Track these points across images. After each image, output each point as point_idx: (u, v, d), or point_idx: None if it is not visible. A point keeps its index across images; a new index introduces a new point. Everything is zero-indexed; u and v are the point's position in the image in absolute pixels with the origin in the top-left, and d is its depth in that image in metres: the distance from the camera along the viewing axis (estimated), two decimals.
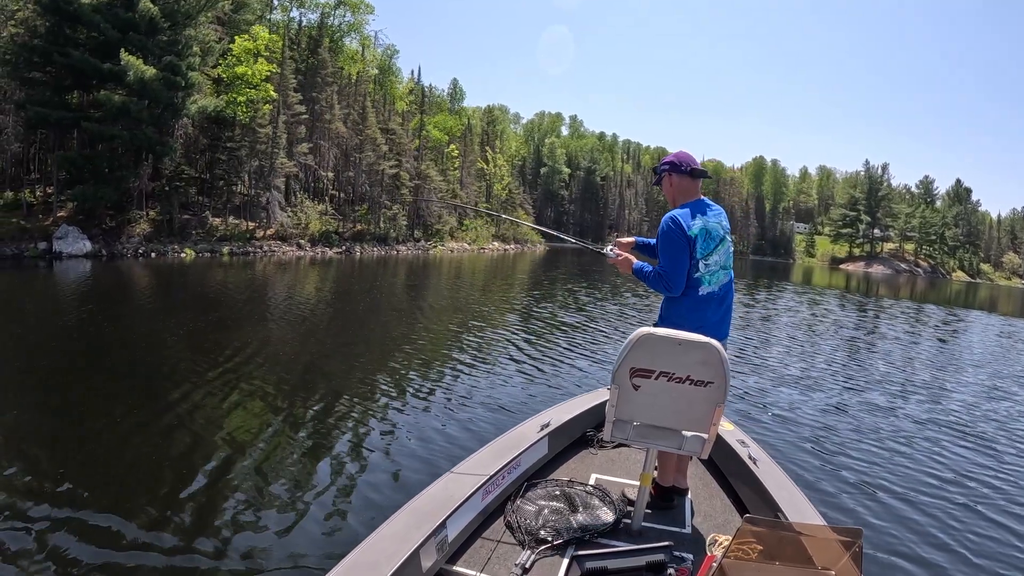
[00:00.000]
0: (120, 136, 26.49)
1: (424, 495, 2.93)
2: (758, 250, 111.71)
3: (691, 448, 2.88)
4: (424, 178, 50.38)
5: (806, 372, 11.33)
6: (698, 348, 2.73)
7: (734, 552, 2.08)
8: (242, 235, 33.10)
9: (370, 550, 2.44)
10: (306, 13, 48.62)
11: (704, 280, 3.19)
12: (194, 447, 5.80)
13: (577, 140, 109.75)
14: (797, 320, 20.47)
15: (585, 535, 3.02)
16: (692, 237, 3.14)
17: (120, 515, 4.36)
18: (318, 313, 15.02)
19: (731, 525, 3.26)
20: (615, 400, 2.86)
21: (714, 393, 2.76)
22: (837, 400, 9.30)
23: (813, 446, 6.94)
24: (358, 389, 8.16)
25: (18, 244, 24.36)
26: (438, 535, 2.66)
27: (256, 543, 4.15)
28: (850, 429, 7.75)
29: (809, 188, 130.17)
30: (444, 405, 7.57)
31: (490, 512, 3.20)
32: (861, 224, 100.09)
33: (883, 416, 8.57)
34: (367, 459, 5.74)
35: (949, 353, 16.03)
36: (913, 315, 26.55)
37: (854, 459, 6.61)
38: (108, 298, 15.79)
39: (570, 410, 4.25)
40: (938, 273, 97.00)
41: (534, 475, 3.66)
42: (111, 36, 25.38)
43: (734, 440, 3.92)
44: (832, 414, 8.41)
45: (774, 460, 3.78)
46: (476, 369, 9.58)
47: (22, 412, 6.61)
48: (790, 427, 7.60)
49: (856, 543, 1.98)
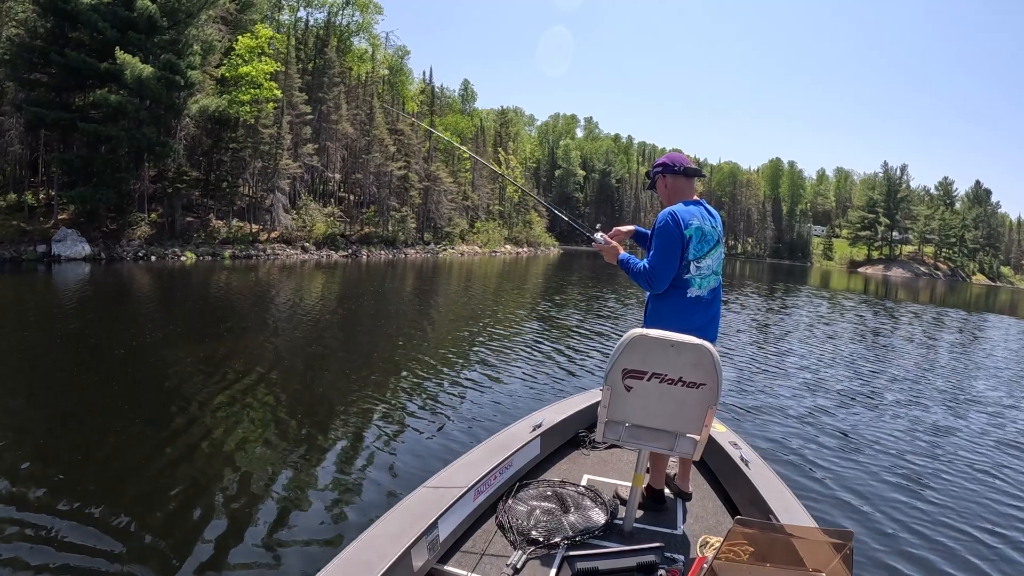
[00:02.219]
0: (117, 136, 26.00)
1: (416, 495, 2.92)
2: (775, 253, 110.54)
3: (683, 450, 2.89)
4: (434, 179, 49.81)
5: (801, 375, 11.25)
6: (690, 350, 2.71)
7: (725, 553, 2.09)
8: (245, 238, 32.57)
9: (361, 549, 2.42)
10: (313, 12, 48.22)
11: (694, 282, 3.15)
12: (189, 450, 5.77)
13: (592, 142, 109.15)
14: (801, 323, 20.26)
15: (576, 536, 3.01)
16: (688, 237, 3.10)
17: (117, 517, 4.40)
18: (313, 317, 14.73)
19: (722, 526, 3.26)
20: (607, 401, 2.85)
21: (706, 395, 2.76)
22: (831, 403, 9.23)
23: (805, 448, 6.94)
24: (351, 389, 8.20)
25: (17, 247, 24.13)
26: (429, 535, 2.66)
27: (247, 541, 4.19)
28: (842, 432, 7.73)
29: (827, 190, 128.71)
30: (437, 406, 7.59)
31: (482, 512, 3.18)
32: (880, 227, 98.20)
33: (876, 419, 8.56)
34: (359, 459, 5.79)
35: (950, 357, 15.70)
36: (925, 319, 26.03)
37: (846, 462, 6.62)
38: (103, 303, 15.39)
39: (562, 411, 4.25)
40: (958, 276, 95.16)
41: (526, 475, 3.66)
42: (109, 35, 24.93)
43: (726, 442, 3.94)
44: (825, 417, 8.38)
45: (766, 462, 3.76)
46: (473, 372, 9.53)
47: (17, 417, 6.56)
48: (783, 429, 7.59)
49: (847, 545, 1.99)
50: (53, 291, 17.21)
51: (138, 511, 4.54)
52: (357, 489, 5.11)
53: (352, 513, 4.67)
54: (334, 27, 47.38)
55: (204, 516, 4.54)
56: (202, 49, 28.89)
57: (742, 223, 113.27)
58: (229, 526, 4.39)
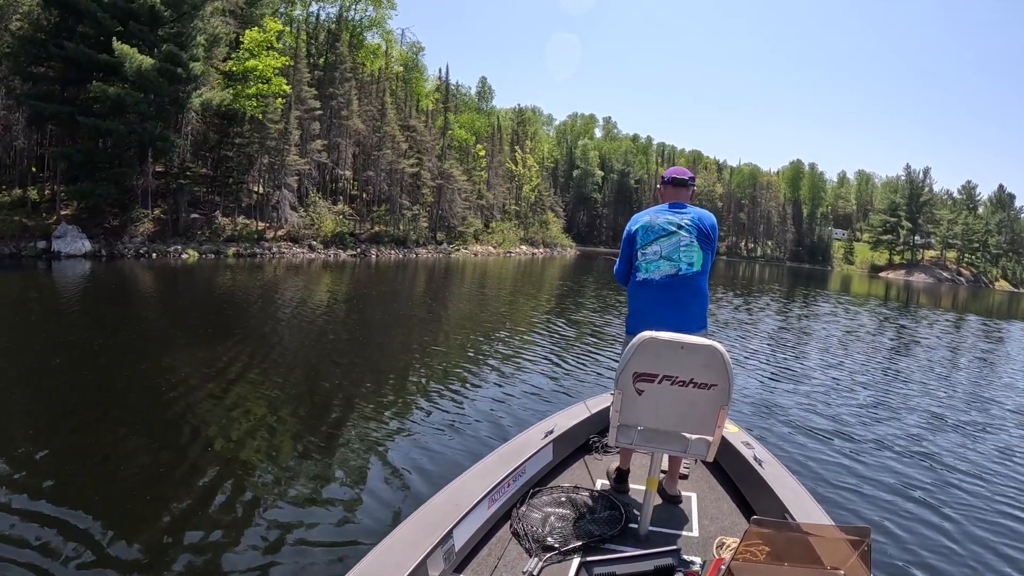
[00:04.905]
0: (116, 130, 25.37)
1: (430, 504, 2.89)
2: (795, 256, 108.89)
3: (696, 451, 2.89)
4: (447, 178, 49.09)
5: (816, 375, 11.20)
6: (700, 351, 2.71)
7: (742, 554, 2.08)
8: (250, 236, 31.83)
9: (378, 560, 2.41)
10: (325, 7, 47.59)
11: (641, 268, 3.38)
12: (190, 459, 5.56)
13: (610, 142, 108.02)
14: (817, 326, 20.19)
15: (592, 541, 3.00)
16: (632, 231, 3.46)
17: (114, 519, 4.34)
18: (319, 318, 14.36)
19: (738, 527, 3.25)
20: (619, 405, 2.85)
21: (718, 395, 2.75)
22: (845, 403, 9.18)
23: (819, 448, 6.89)
24: (361, 398, 7.99)
25: (17, 243, 23.61)
26: (445, 544, 2.65)
27: (262, 554, 4.08)
28: (855, 430, 7.72)
29: (847, 193, 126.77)
30: (448, 413, 7.42)
31: (496, 520, 3.17)
32: (902, 230, 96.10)
33: (891, 419, 8.49)
34: (372, 469, 5.69)
35: (970, 361, 15.47)
36: (945, 324, 25.67)
37: (861, 460, 6.56)
38: (97, 302, 15.05)
39: (574, 416, 4.25)
40: (980, 282, 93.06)
41: (539, 482, 3.65)
42: (109, 25, 24.33)
43: (739, 442, 3.94)
44: (839, 416, 8.33)
45: (780, 461, 3.76)
46: (483, 378, 9.33)
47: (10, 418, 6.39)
48: (796, 429, 7.56)
49: (864, 542, 1.99)
50: (49, 288, 16.85)
51: (139, 517, 4.46)
52: (370, 499, 5.02)
53: (367, 521, 4.60)
54: (346, 22, 46.67)
55: (210, 526, 4.39)
56: (207, 41, 28.17)
57: (762, 225, 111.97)
58: (238, 537, 4.27)
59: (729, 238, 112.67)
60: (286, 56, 33.92)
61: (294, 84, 34.57)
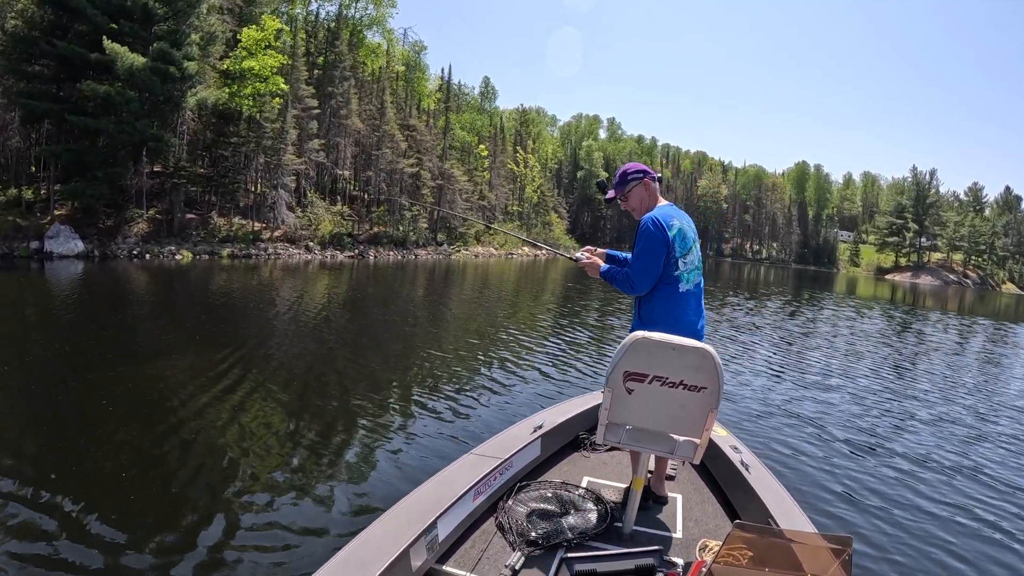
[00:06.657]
0: (107, 129, 25.04)
1: (415, 494, 2.90)
2: (801, 258, 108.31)
3: (683, 453, 2.88)
4: (448, 178, 48.72)
5: (806, 380, 11.10)
6: (692, 353, 2.69)
7: (724, 558, 2.10)
8: (246, 236, 31.46)
9: (360, 548, 2.41)
10: (324, 5, 47.28)
11: (683, 278, 3.24)
12: (183, 452, 5.62)
13: (615, 143, 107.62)
14: (815, 330, 19.94)
15: (575, 538, 3.00)
16: (671, 237, 3.20)
17: (112, 517, 4.33)
18: (311, 319, 14.23)
19: (722, 531, 3.25)
20: (608, 403, 2.84)
21: (707, 398, 2.74)
22: (835, 410, 9.09)
23: (807, 454, 6.88)
24: (348, 388, 8.12)
25: (10, 243, 23.37)
26: (428, 535, 2.65)
27: (244, 541, 4.14)
28: (844, 438, 7.63)
29: (853, 195, 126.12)
30: (437, 407, 7.50)
31: (481, 513, 3.18)
32: (908, 232, 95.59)
33: (880, 426, 8.40)
34: (359, 458, 5.80)
35: (964, 366, 15.07)
36: (950, 328, 25.09)
37: (847, 468, 6.54)
38: (92, 304, 14.75)
39: (563, 412, 4.26)
40: (987, 285, 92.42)
41: (526, 476, 3.66)
42: (101, 24, 24.01)
43: (727, 446, 3.94)
44: (828, 423, 8.22)
45: (766, 467, 3.76)
46: (474, 373, 9.54)
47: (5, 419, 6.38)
48: (784, 434, 7.49)
49: (846, 551, 2.01)
50: (40, 289, 16.68)
51: (133, 510, 4.52)
52: (356, 488, 5.09)
53: (351, 512, 4.65)
54: (346, 20, 46.33)
55: (201, 515, 4.49)
56: (202, 39, 27.85)
57: (767, 227, 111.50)
58: (226, 525, 4.34)
59: (734, 240, 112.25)
60: (284, 55, 33.56)
61: (291, 82, 34.23)
